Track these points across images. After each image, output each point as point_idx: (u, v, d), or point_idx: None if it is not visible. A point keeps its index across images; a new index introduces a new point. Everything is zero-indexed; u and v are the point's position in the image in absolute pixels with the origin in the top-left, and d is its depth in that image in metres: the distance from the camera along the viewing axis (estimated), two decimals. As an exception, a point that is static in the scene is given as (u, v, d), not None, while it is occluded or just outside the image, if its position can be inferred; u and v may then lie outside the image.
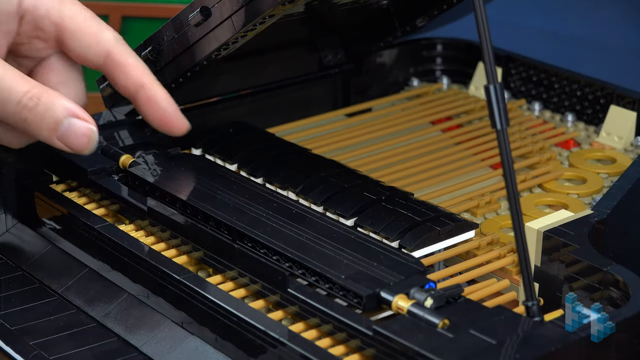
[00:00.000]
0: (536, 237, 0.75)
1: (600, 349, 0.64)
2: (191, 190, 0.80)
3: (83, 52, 0.78)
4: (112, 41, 0.78)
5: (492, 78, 0.65)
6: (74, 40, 0.78)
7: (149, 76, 0.78)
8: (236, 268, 0.73)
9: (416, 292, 0.67)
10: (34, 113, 0.74)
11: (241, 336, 0.68)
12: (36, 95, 0.74)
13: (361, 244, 0.73)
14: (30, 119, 0.74)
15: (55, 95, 0.75)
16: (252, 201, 0.78)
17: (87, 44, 0.78)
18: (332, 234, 0.74)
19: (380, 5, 0.99)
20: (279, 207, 0.77)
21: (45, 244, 0.82)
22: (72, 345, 0.73)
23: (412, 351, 0.62)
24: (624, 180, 0.82)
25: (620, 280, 0.69)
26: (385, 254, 0.71)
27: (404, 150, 0.95)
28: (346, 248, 0.72)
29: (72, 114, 0.75)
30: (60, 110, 0.74)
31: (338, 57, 1.04)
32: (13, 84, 0.74)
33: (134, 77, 0.78)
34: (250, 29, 0.80)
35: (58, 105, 0.75)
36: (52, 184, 0.85)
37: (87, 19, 0.78)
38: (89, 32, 0.77)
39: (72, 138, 0.75)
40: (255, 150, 0.88)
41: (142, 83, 0.78)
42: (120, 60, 0.78)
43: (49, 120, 0.74)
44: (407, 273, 0.69)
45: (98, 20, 0.78)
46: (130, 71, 0.78)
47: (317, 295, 0.68)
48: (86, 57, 0.78)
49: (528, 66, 1.06)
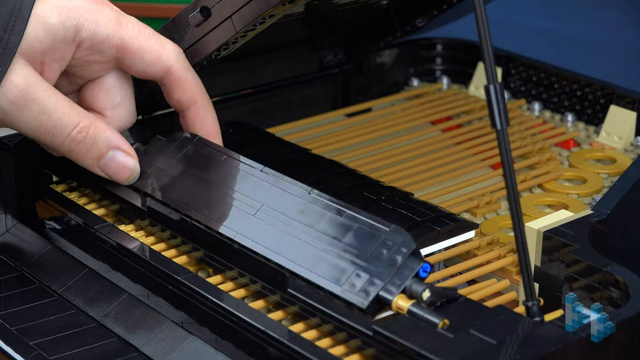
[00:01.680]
0: (536, 237, 0.75)
1: (600, 349, 0.64)
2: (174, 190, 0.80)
3: (145, 70, 0.79)
4: (173, 57, 0.79)
5: (492, 78, 0.65)
6: (135, 59, 0.78)
7: (204, 95, 0.81)
8: (236, 268, 0.73)
9: (413, 284, 0.66)
10: (81, 146, 0.77)
11: (241, 336, 0.68)
12: (85, 129, 0.76)
13: (345, 227, 0.71)
14: (77, 150, 0.77)
15: (101, 128, 0.77)
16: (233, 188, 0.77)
17: (149, 62, 0.79)
18: (316, 221, 0.72)
19: (380, 5, 0.99)
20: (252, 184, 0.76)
21: (45, 244, 0.82)
22: (72, 345, 0.73)
23: (412, 351, 0.62)
24: (624, 180, 0.82)
25: (620, 280, 0.69)
26: (372, 239, 0.69)
27: (404, 150, 0.95)
28: (331, 235, 0.71)
29: (115, 147, 0.78)
30: (106, 144, 0.78)
31: (338, 57, 1.04)
32: (65, 118, 0.76)
33: (189, 94, 0.80)
34: (250, 29, 0.80)
35: (103, 138, 0.77)
36: (52, 184, 0.85)
37: (147, 37, 0.78)
38: (151, 50, 0.78)
39: (113, 170, 0.79)
40: (255, 150, 0.88)
41: (195, 100, 0.80)
42: (179, 76, 0.79)
43: (93, 153, 0.78)
44: (399, 260, 0.67)
45: (158, 36, 0.79)
46: (187, 88, 0.80)
47: (317, 295, 0.68)
48: (147, 74, 0.80)
49: (528, 66, 1.06)
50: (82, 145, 0.77)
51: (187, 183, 0.78)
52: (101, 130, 0.77)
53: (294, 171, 0.84)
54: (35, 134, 0.76)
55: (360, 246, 0.69)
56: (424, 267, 0.67)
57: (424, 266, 0.67)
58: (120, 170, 0.78)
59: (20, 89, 0.74)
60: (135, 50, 0.78)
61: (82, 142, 0.76)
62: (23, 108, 0.74)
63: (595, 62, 1.28)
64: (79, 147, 0.77)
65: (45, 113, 0.75)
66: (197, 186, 0.78)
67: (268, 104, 1.00)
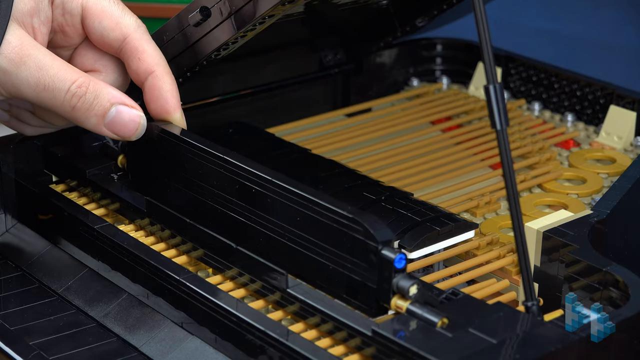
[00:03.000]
0: (536, 237, 0.75)
1: (600, 349, 0.64)
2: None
3: (102, 34, 0.79)
4: (132, 26, 0.79)
5: (492, 78, 0.65)
6: (94, 22, 0.79)
7: (162, 66, 0.79)
8: (236, 268, 0.73)
9: (400, 280, 0.65)
10: (83, 101, 0.76)
11: (241, 336, 0.68)
12: (84, 84, 0.76)
13: (325, 227, 0.68)
14: (79, 106, 0.76)
15: (101, 84, 0.77)
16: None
17: (108, 27, 0.79)
18: (295, 220, 0.70)
19: (380, 5, 0.99)
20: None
21: (45, 244, 0.82)
22: (72, 345, 0.73)
23: (410, 351, 0.62)
24: (624, 180, 0.82)
25: (620, 280, 0.69)
26: (346, 239, 0.67)
27: (404, 150, 0.95)
28: (311, 236, 0.69)
29: (119, 101, 0.77)
30: (108, 98, 0.76)
31: (338, 57, 1.04)
32: (62, 73, 0.76)
33: (146, 64, 0.79)
34: (250, 29, 0.80)
35: (105, 93, 0.76)
36: (52, 184, 0.85)
37: (111, 3, 0.79)
38: (110, 15, 0.79)
39: (119, 125, 0.77)
40: (255, 150, 0.88)
41: (152, 70, 0.79)
42: (137, 45, 0.79)
43: (97, 109, 0.76)
44: (374, 258, 0.66)
45: (122, 6, 0.80)
46: (145, 57, 0.79)
47: (316, 295, 0.68)
48: (105, 41, 0.79)
49: (528, 66, 1.06)
50: (83, 100, 0.76)
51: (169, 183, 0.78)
52: (101, 86, 0.77)
53: (294, 171, 0.84)
54: (36, 92, 0.76)
55: (338, 246, 0.68)
56: (398, 258, 0.65)
57: (398, 258, 0.65)
58: (127, 125, 0.77)
59: (15, 46, 0.74)
60: (96, 13, 0.78)
61: (83, 96, 0.76)
62: (20, 65, 0.74)
63: (595, 62, 1.28)
64: (81, 103, 0.76)
65: (41, 69, 0.75)
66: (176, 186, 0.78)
67: (268, 104, 1.00)
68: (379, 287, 0.65)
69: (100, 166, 0.83)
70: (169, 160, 0.78)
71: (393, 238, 0.66)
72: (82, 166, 0.83)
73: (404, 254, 0.65)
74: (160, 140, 0.78)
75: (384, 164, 0.93)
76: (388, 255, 0.65)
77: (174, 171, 0.77)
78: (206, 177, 0.75)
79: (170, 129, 0.78)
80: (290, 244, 0.70)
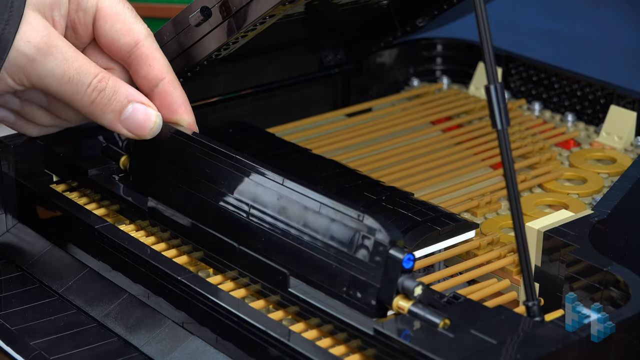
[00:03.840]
0: (536, 237, 0.75)
1: (600, 349, 0.64)
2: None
3: (113, 38, 0.79)
4: (143, 33, 0.80)
5: (492, 78, 0.65)
6: (107, 24, 0.79)
7: (171, 74, 0.80)
8: (236, 268, 0.73)
9: (405, 280, 0.66)
10: (102, 96, 0.77)
11: (241, 336, 0.68)
12: (104, 79, 0.77)
13: (323, 221, 0.69)
14: (98, 100, 0.77)
15: (120, 82, 0.78)
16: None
17: (120, 31, 0.79)
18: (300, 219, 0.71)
19: (380, 5, 0.99)
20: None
21: (45, 244, 0.82)
22: (73, 345, 0.73)
23: (412, 351, 0.62)
24: (624, 180, 0.82)
25: (621, 280, 0.69)
26: (353, 238, 0.67)
27: (404, 150, 0.95)
28: (312, 231, 0.69)
29: (136, 99, 0.78)
30: (126, 95, 0.77)
31: (338, 57, 1.04)
32: (86, 66, 0.76)
33: (156, 70, 0.80)
34: (250, 29, 0.80)
35: (123, 90, 0.77)
36: (52, 184, 0.85)
37: (125, 9, 0.80)
38: (124, 19, 0.79)
39: (135, 123, 0.78)
40: (255, 150, 0.88)
41: (162, 77, 0.80)
42: (147, 52, 0.80)
43: (114, 104, 0.77)
44: (381, 257, 0.66)
45: (135, 13, 0.80)
46: (155, 64, 0.80)
47: (317, 295, 0.68)
48: (115, 44, 0.80)
49: (528, 66, 1.06)
50: (103, 95, 0.77)
51: (176, 182, 0.78)
52: (120, 83, 0.78)
53: (294, 171, 0.84)
54: (60, 84, 0.76)
55: (344, 245, 0.68)
56: (406, 258, 0.65)
57: (406, 258, 0.65)
58: (143, 123, 0.78)
59: (42, 34, 0.75)
60: (110, 15, 0.79)
61: (104, 91, 0.77)
62: (47, 54, 0.75)
63: (595, 62, 1.28)
64: (101, 97, 0.77)
65: (67, 60, 0.76)
66: (186, 186, 0.78)
67: (268, 104, 1.00)
68: (383, 287, 0.65)
69: (102, 166, 0.83)
70: (175, 159, 0.78)
71: (402, 238, 0.66)
72: (83, 166, 0.83)
73: (412, 255, 0.65)
74: (168, 140, 0.78)
75: (385, 163, 0.93)
76: (396, 255, 0.65)
77: (178, 171, 0.77)
78: (214, 176, 0.75)
79: (180, 129, 0.79)
80: (293, 242, 0.70)
